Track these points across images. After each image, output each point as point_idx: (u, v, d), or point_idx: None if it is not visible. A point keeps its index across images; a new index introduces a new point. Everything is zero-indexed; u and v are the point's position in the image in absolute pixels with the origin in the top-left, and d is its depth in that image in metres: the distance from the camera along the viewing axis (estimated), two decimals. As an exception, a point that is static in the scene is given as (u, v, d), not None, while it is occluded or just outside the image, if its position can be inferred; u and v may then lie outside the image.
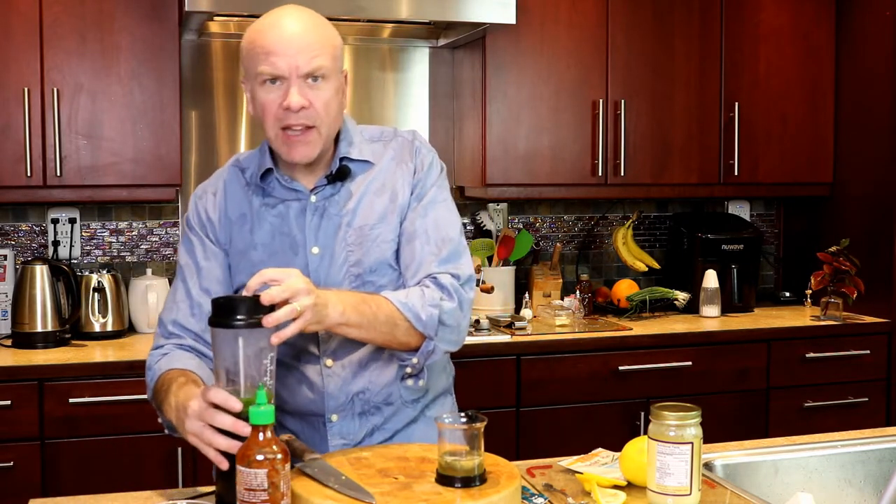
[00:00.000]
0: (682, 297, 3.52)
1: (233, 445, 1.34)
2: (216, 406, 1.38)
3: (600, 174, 3.44)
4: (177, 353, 1.68)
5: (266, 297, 1.41)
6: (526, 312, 3.38)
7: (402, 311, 1.60)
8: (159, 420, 1.67)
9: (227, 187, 1.76)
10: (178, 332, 1.72)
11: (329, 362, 1.71)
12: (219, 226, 1.74)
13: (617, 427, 3.16)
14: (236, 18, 3.25)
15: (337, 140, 1.73)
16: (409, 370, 1.71)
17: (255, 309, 1.40)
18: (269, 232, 1.71)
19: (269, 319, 1.39)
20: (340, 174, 1.70)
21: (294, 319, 1.43)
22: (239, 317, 1.39)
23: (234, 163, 1.80)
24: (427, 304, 1.62)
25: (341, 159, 1.71)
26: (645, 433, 1.53)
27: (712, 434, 1.73)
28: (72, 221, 3.28)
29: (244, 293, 1.46)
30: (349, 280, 1.69)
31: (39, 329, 2.94)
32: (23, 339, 2.95)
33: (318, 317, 1.49)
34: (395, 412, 1.75)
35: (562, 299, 3.51)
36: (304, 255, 1.70)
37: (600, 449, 1.76)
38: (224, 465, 1.38)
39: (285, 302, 1.43)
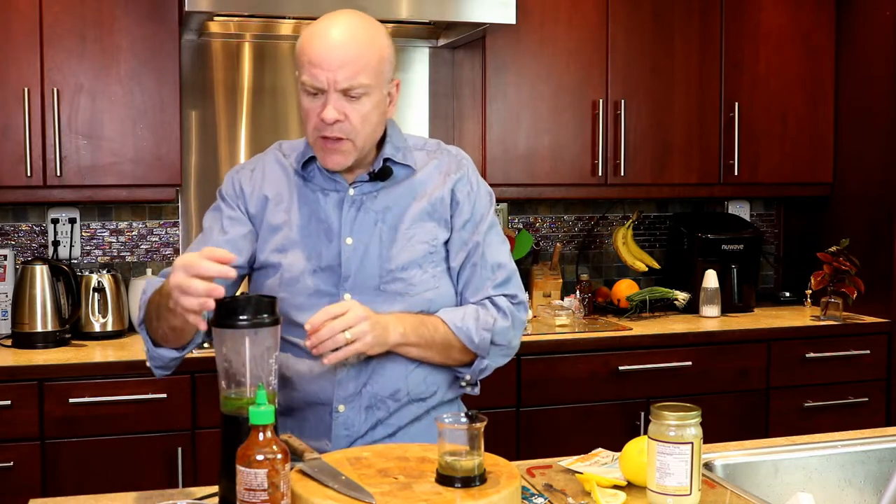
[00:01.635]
0: (682, 297, 3.52)
1: (204, 303, 1.40)
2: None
3: (600, 174, 3.44)
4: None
5: (328, 331, 1.57)
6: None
7: (456, 335, 1.74)
8: (144, 350, 1.69)
9: (267, 167, 1.82)
10: None
11: None
12: (251, 199, 1.79)
13: (617, 427, 3.16)
14: (236, 18, 3.25)
15: (383, 141, 1.78)
16: (462, 383, 1.84)
17: (260, 309, 1.40)
18: (306, 215, 1.76)
19: (319, 348, 1.57)
20: (382, 174, 1.76)
21: (349, 344, 1.58)
22: (244, 317, 1.39)
23: (277, 147, 1.86)
24: (481, 328, 1.75)
25: (385, 160, 1.76)
26: (645, 433, 1.53)
27: (712, 434, 1.73)
28: (72, 221, 3.28)
29: (307, 327, 1.59)
30: (380, 274, 1.75)
31: (39, 329, 2.94)
32: (23, 339, 2.95)
33: (378, 340, 1.64)
34: (400, 408, 1.77)
35: (562, 299, 3.51)
36: (337, 243, 1.75)
37: (600, 449, 1.76)
38: (202, 325, 1.44)
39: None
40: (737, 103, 3.57)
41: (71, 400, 2.71)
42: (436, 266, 1.78)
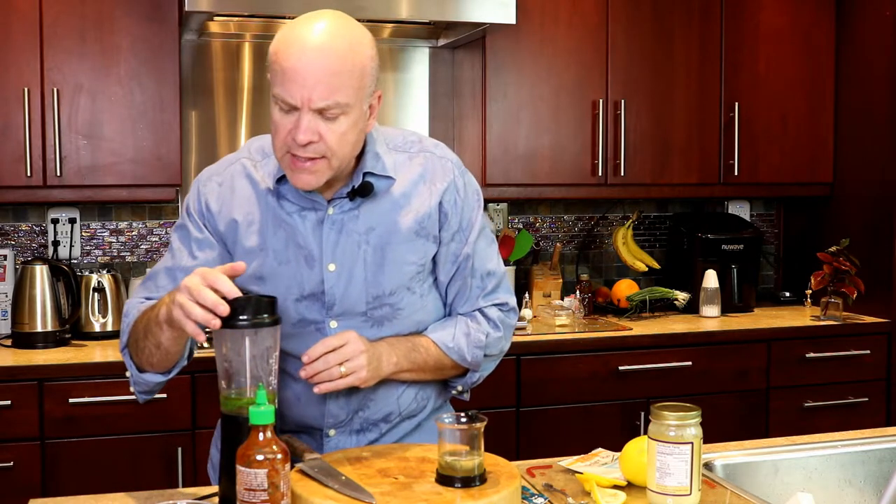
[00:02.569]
0: (682, 297, 3.52)
1: (208, 318, 1.37)
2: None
3: (600, 174, 3.44)
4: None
5: (322, 363, 1.56)
6: (526, 312, 3.38)
7: (448, 355, 1.72)
8: (127, 374, 1.65)
9: (235, 182, 1.66)
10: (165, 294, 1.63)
11: None
12: (218, 218, 1.66)
13: (617, 427, 3.16)
14: (236, 18, 3.25)
15: (362, 152, 1.63)
16: (454, 392, 1.83)
17: (260, 309, 1.40)
18: (283, 239, 1.63)
19: (314, 378, 1.56)
20: (363, 190, 1.62)
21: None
22: (244, 317, 1.39)
23: (247, 155, 1.69)
24: (473, 346, 1.73)
25: (365, 174, 1.62)
26: (645, 433, 1.53)
27: (712, 434, 1.73)
28: (72, 221, 3.28)
29: (304, 359, 1.56)
30: (366, 301, 1.65)
31: (39, 329, 2.94)
32: (23, 339, 2.95)
33: (373, 374, 1.61)
34: (391, 428, 1.75)
35: (562, 299, 3.51)
36: (319, 270, 1.63)
37: (600, 449, 1.76)
38: (201, 337, 1.39)
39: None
40: (737, 103, 3.57)
41: (71, 400, 2.71)
42: (423, 283, 1.70)
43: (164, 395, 2.74)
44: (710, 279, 3.53)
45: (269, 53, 1.54)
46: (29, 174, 2.93)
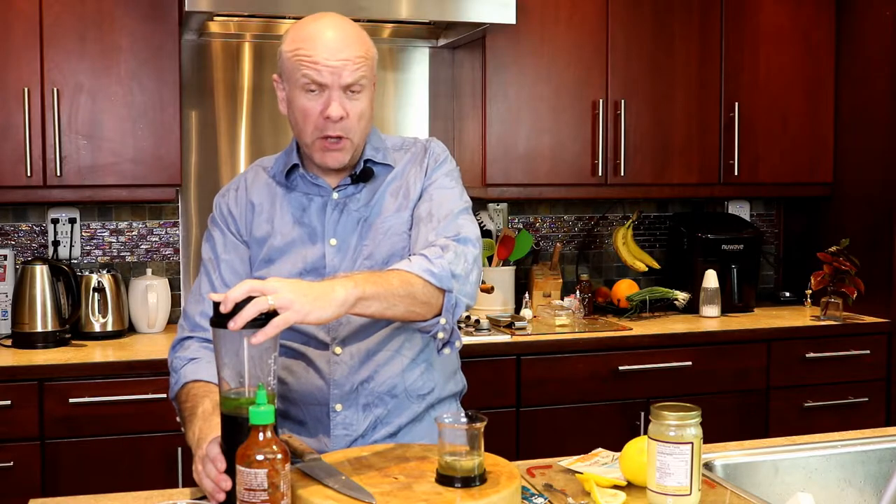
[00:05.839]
0: (682, 297, 3.52)
1: (215, 490, 1.40)
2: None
3: (600, 174, 3.44)
4: (203, 359, 1.70)
5: (218, 297, 1.35)
6: (526, 312, 3.38)
7: (413, 272, 1.57)
8: (178, 419, 1.73)
9: (249, 183, 1.84)
10: (204, 324, 1.73)
11: (338, 350, 1.74)
12: (240, 219, 1.81)
13: (617, 427, 3.16)
14: (236, 18, 3.25)
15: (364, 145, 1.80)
16: (440, 335, 1.63)
17: None
18: (290, 222, 1.77)
19: (235, 323, 1.32)
20: (364, 175, 1.78)
21: (271, 317, 1.34)
22: None
23: (257, 163, 1.89)
24: (434, 258, 1.61)
25: (366, 161, 1.78)
26: (645, 433, 1.53)
27: (712, 434, 1.73)
28: (72, 221, 3.28)
29: (217, 298, 1.39)
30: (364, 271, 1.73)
31: (39, 329, 2.94)
32: (23, 339, 2.95)
33: (322, 302, 1.41)
34: (398, 405, 1.77)
35: (562, 299, 3.51)
36: (321, 245, 1.75)
37: (600, 449, 1.77)
38: (220, 496, 1.39)
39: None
40: (737, 103, 3.57)
41: (71, 400, 2.71)
42: None
43: (164, 395, 2.74)
44: (710, 279, 3.53)
45: (286, 48, 1.71)
46: (29, 174, 2.93)
